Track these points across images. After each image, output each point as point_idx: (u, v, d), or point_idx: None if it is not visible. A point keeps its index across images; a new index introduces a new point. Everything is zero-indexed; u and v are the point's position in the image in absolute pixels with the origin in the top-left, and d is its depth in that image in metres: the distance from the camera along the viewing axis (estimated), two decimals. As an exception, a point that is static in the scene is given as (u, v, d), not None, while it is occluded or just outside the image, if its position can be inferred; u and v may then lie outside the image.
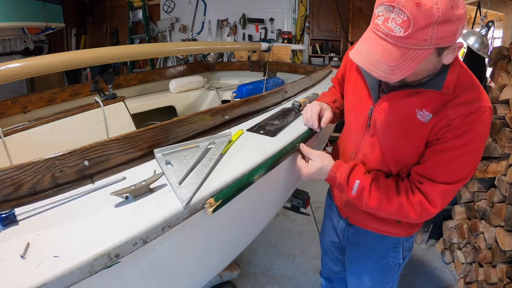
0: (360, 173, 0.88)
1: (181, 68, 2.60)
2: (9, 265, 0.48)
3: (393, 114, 0.83)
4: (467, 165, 0.79)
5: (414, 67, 0.66)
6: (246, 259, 2.11)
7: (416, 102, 0.79)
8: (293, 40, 4.31)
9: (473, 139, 0.75)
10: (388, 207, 0.83)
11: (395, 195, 0.83)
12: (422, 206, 0.80)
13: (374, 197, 0.84)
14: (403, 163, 0.87)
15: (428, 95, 0.78)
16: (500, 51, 1.75)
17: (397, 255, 1.03)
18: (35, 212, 0.60)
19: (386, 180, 0.87)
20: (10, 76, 1.01)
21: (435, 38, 0.63)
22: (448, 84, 0.76)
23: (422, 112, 0.78)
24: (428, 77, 0.77)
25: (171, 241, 0.68)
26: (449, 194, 0.81)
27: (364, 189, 0.85)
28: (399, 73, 0.66)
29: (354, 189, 0.86)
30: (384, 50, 0.65)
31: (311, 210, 2.75)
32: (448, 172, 0.78)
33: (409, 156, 0.85)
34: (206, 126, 1.02)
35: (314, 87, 1.83)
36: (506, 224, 1.56)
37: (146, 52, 1.79)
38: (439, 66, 0.75)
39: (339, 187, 0.90)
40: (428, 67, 0.73)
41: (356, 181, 0.86)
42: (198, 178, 0.72)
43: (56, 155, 0.68)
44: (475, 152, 0.78)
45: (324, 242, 1.28)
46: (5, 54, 3.72)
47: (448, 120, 0.75)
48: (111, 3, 5.18)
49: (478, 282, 1.73)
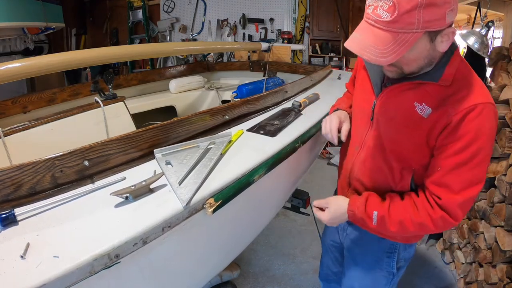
0: (376, 203, 0.88)
1: (181, 68, 2.60)
2: (9, 265, 0.48)
3: (394, 107, 0.84)
4: (478, 167, 0.76)
5: (404, 50, 0.68)
6: (246, 259, 2.11)
7: (415, 95, 0.79)
8: (293, 40, 4.31)
9: (477, 140, 0.74)
10: (411, 228, 0.83)
11: (416, 216, 0.82)
12: (444, 220, 0.79)
13: (394, 223, 0.84)
14: (404, 159, 0.86)
15: (427, 88, 0.78)
16: (500, 51, 1.75)
17: (391, 261, 1.01)
18: (35, 212, 0.60)
19: (403, 203, 0.85)
20: (10, 76, 1.01)
21: (422, 21, 0.65)
22: (446, 77, 0.75)
23: (421, 106, 0.78)
24: (426, 66, 0.76)
25: (171, 241, 0.68)
26: (468, 203, 0.80)
27: (384, 218, 0.85)
28: (390, 56, 0.68)
29: (374, 220, 0.86)
30: (374, 35, 0.69)
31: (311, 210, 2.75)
32: (462, 180, 0.77)
33: (409, 151, 0.84)
34: (206, 126, 1.02)
35: (314, 87, 1.83)
36: (506, 224, 1.55)
37: (146, 52, 1.79)
38: (435, 54, 0.74)
39: (362, 221, 0.89)
40: (422, 54, 0.73)
41: (374, 212, 0.86)
42: (198, 178, 0.72)
43: (56, 155, 0.68)
44: (482, 152, 0.75)
45: (326, 241, 1.28)
46: (5, 54, 3.72)
47: (448, 118, 0.74)
48: (111, 3, 5.18)
49: (478, 282, 1.73)
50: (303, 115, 1.27)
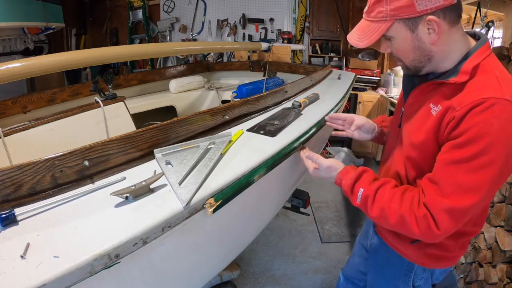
0: (366, 181, 0.82)
1: (181, 68, 2.60)
2: (9, 265, 0.48)
3: (414, 112, 0.82)
4: (477, 173, 0.64)
5: (376, 37, 0.74)
6: (246, 259, 2.11)
7: (432, 97, 0.76)
8: (293, 40, 4.31)
9: (480, 139, 0.63)
10: (391, 219, 0.75)
11: (398, 205, 0.74)
12: (427, 223, 0.69)
13: (376, 206, 0.77)
14: (418, 165, 0.81)
15: (444, 89, 0.73)
16: (500, 51, 1.75)
17: (407, 280, 0.94)
18: (35, 212, 0.60)
19: (393, 189, 0.78)
20: (10, 76, 1.01)
21: (389, 9, 0.70)
22: (462, 74, 0.70)
23: (436, 108, 0.73)
24: (424, 60, 0.75)
25: (171, 241, 0.68)
26: (457, 214, 0.67)
27: (368, 198, 0.79)
28: (364, 41, 0.75)
29: (358, 197, 0.81)
30: (358, 25, 0.78)
31: (311, 210, 2.75)
32: (453, 182, 0.67)
33: (420, 155, 0.78)
34: (206, 126, 1.02)
35: (314, 87, 1.83)
36: (506, 224, 1.55)
37: (146, 52, 1.79)
38: (426, 46, 0.72)
39: (345, 194, 0.86)
40: (407, 44, 0.74)
41: (360, 189, 0.81)
42: (198, 178, 0.72)
43: (56, 155, 0.68)
44: (487, 156, 0.63)
45: (357, 243, 1.25)
46: (5, 54, 3.72)
47: (452, 113, 0.67)
48: (111, 3, 5.18)
49: (478, 282, 1.73)
50: (303, 115, 1.27)
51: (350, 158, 3.69)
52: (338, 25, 4.18)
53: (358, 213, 2.69)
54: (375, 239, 1.05)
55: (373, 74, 4.00)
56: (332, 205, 2.84)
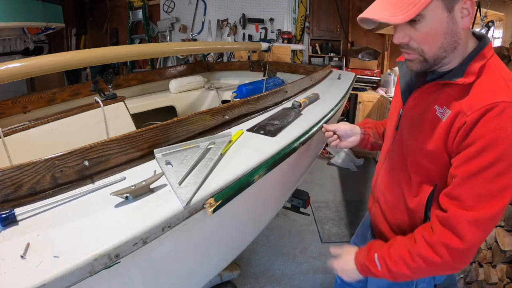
0: (378, 245, 0.80)
1: (181, 68, 2.61)
2: (9, 265, 0.48)
3: (416, 114, 0.78)
4: (499, 180, 0.62)
5: (416, 11, 0.62)
6: (246, 259, 2.11)
7: (437, 98, 0.72)
8: (293, 40, 4.31)
9: (495, 146, 0.61)
10: (412, 263, 0.71)
11: (413, 247, 0.71)
12: (444, 244, 0.66)
13: (396, 261, 0.74)
14: (424, 170, 0.77)
15: (450, 91, 0.70)
16: (500, 51, 1.75)
17: (410, 284, 0.91)
18: (35, 212, 0.60)
19: (404, 237, 0.76)
20: (10, 76, 1.01)
21: None
22: (469, 74, 0.67)
23: (442, 110, 0.70)
24: (449, 48, 0.68)
25: (171, 241, 0.68)
26: (483, 224, 0.65)
27: (384, 258, 0.76)
28: (400, 16, 0.62)
29: (378, 264, 0.77)
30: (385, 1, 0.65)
31: (311, 210, 2.75)
32: (475, 194, 0.64)
33: (426, 159, 0.75)
34: (206, 126, 1.02)
35: (314, 87, 1.83)
36: (506, 224, 1.55)
37: (146, 52, 1.79)
38: (457, 31, 0.66)
39: (367, 269, 0.81)
40: (440, 26, 0.65)
41: (374, 254, 0.78)
42: (198, 178, 0.72)
43: (56, 155, 0.68)
44: (504, 161, 0.61)
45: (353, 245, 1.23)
46: (5, 54, 3.72)
47: (463, 118, 0.64)
48: (111, 3, 5.18)
49: (478, 282, 1.73)
50: (303, 115, 1.27)
51: (350, 158, 3.69)
52: (338, 25, 4.18)
53: (358, 213, 2.69)
54: None
55: (373, 74, 4.00)
56: (332, 205, 2.84)
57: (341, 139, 1.08)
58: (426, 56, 0.69)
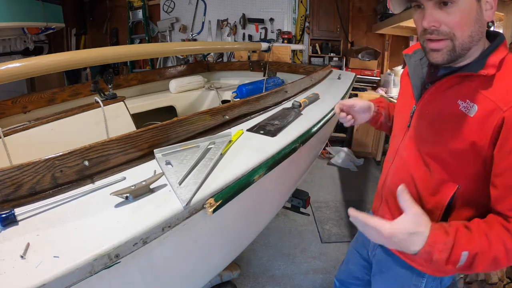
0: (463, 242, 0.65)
1: (181, 68, 2.61)
2: (9, 265, 0.48)
3: (436, 109, 0.75)
4: None
5: None
6: (246, 259, 2.11)
7: (458, 92, 0.70)
8: (293, 40, 4.31)
9: None
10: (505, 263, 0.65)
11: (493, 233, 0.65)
12: None
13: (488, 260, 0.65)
14: (446, 167, 0.74)
15: (472, 84, 0.69)
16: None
17: None
18: (35, 212, 0.60)
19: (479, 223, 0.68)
20: (10, 76, 1.01)
21: None
22: (490, 66, 0.66)
23: (465, 104, 0.68)
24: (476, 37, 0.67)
25: (171, 241, 0.68)
26: None
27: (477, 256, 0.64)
28: None
29: (461, 262, 0.65)
30: None
31: (311, 210, 2.75)
32: None
33: (451, 156, 0.72)
34: (206, 126, 1.02)
35: (314, 87, 1.83)
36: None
37: (146, 52, 1.79)
38: (482, 22, 0.66)
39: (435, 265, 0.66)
40: (470, 13, 0.64)
41: (462, 253, 0.64)
42: (198, 178, 0.72)
43: (56, 155, 0.68)
44: None
45: (353, 251, 1.20)
46: (5, 54, 3.72)
47: (499, 114, 0.63)
48: (111, 3, 5.18)
49: (478, 282, 1.73)
50: (303, 115, 1.27)
51: (350, 158, 3.69)
52: (338, 25, 4.18)
53: (358, 213, 2.68)
54: (378, 250, 1.00)
55: (373, 74, 4.00)
56: (332, 205, 2.84)
57: (354, 116, 1.02)
58: (456, 42, 0.66)
